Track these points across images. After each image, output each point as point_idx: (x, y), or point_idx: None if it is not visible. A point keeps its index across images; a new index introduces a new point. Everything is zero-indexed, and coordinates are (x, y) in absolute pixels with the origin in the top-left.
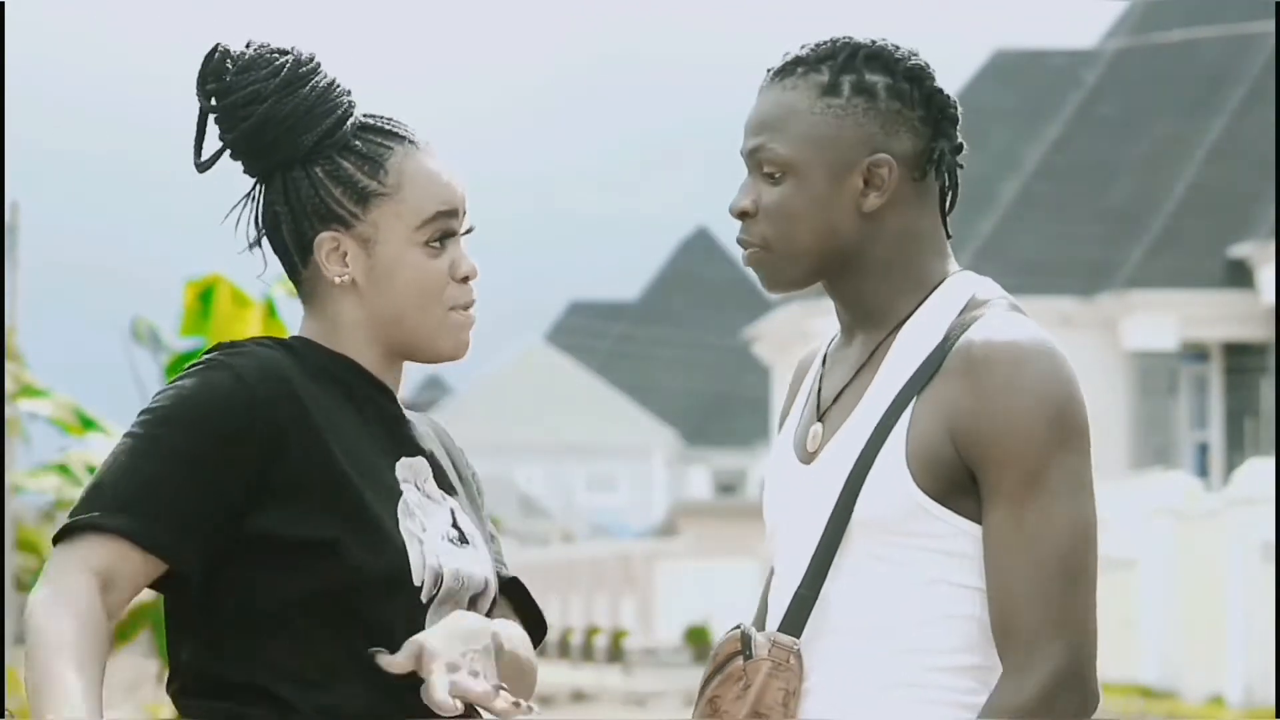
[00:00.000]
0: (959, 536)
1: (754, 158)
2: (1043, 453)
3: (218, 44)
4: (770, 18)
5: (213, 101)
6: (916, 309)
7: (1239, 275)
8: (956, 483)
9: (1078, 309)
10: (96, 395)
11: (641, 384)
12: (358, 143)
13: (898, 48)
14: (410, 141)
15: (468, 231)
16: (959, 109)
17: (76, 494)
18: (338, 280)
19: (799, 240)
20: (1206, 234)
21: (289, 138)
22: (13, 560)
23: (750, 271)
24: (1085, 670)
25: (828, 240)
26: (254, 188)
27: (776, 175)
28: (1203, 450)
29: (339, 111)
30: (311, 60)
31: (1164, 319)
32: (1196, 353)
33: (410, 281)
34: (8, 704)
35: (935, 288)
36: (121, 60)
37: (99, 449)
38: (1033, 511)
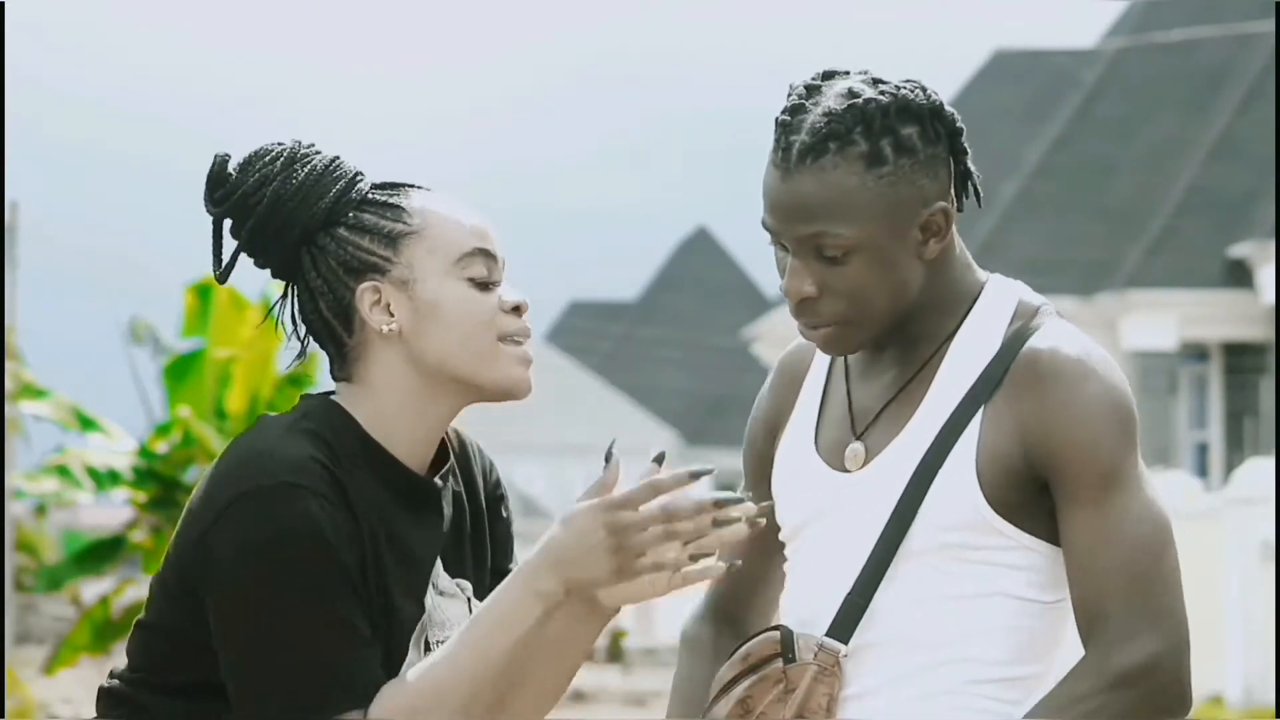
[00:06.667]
0: (1018, 550)
1: (810, 243)
2: (1117, 455)
3: (215, 155)
4: (770, 17)
5: (222, 206)
6: (962, 322)
7: (1239, 275)
8: (1024, 495)
9: (1077, 309)
10: (96, 395)
11: (641, 384)
12: (373, 196)
13: (914, 89)
14: (424, 189)
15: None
16: (958, 117)
17: (75, 494)
18: (385, 329)
19: (877, 308)
20: (1206, 234)
21: (304, 208)
22: (12, 560)
23: (814, 339)
24: (1179, 663)
25: (902, 299)
26: (287, 288)
27: (839, 256)
28: (1202, 450)
29: (349, 177)
30: (310, 145)
31: (1163, 319)
32: (1196, 353)
33: (456, 315)
34: (8, 704)
35: (976, 298)
36: (122, 57)
37: (98, 448)
38: (1115, 510)
